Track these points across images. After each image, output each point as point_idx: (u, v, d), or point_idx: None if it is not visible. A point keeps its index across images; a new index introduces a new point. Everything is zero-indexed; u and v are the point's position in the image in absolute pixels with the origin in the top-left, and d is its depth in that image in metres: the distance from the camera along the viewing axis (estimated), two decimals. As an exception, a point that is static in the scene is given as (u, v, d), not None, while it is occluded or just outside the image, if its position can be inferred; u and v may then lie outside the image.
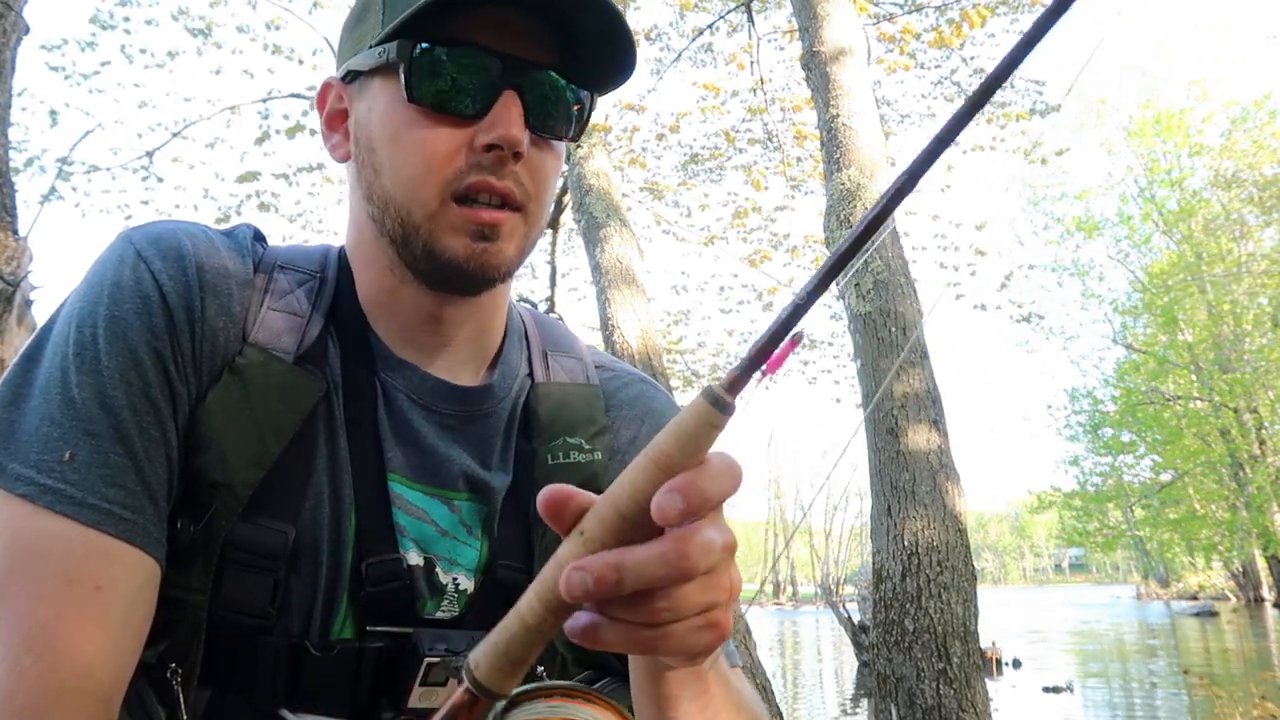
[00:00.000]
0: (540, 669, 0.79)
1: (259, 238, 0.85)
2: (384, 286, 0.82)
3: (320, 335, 0.80)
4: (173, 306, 0.73)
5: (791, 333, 0.48)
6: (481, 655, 0.50)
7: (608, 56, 0.78)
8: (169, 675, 0.70)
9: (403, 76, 0.75)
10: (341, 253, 0.87)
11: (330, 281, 0.84)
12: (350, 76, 0.81)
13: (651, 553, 0.47)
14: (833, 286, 0.49)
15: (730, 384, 0.48)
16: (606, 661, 0.85)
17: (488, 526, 0.83)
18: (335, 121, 0.84)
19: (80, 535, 0.65)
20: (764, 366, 0.48)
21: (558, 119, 0.78)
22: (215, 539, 0.71)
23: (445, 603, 0.80)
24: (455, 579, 0.81)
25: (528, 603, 0.50)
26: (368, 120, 0.79)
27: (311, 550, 0.74)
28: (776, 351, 0.48)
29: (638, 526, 0.47)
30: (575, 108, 0.79)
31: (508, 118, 0.73)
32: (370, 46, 0.77)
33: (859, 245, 0.49)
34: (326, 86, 0.85)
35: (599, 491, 0.91)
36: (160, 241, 0.75)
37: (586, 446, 0.87)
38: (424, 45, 0.74)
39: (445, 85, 0.74)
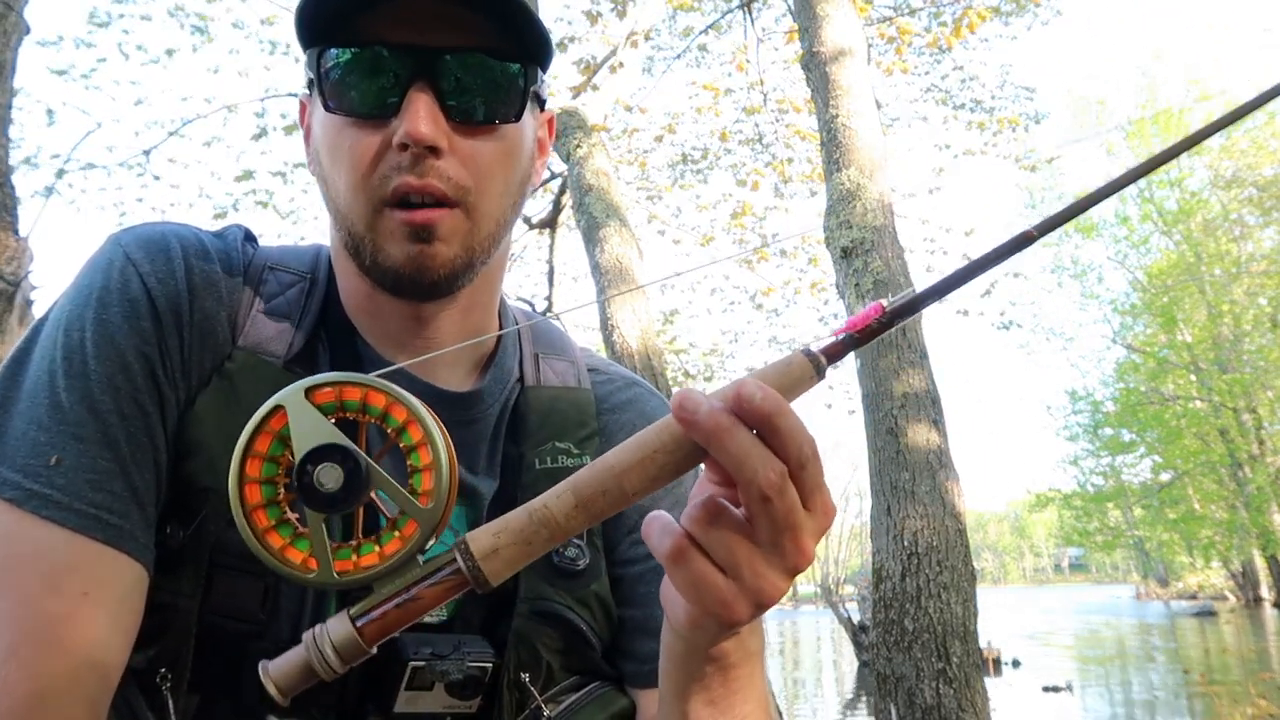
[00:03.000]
0: (524, 675, 0.77)
1: (249, 238, 0.84)
2: (361, 292, 0.81)
3: (310, 339, 0.79)
4: (161, 310, 0.72)
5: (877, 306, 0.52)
6: (487, 545, 0.51)
7: (523, 23, 0.73)
8: (158, 680, 0.69)
9: (317, 87, 0.74)
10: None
11: (320, 283, 0.83)
12: (307, 90, 0.81)
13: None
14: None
15: (830, 351, 0.52)
16: (595, 667, 0.84)
17: (474, 523, 0.82)
18: (307, 135, 0.83)
19: (66, 540, 0.65)
20: (857, 335, 0.52)
21: (488, 103, 0.74)
22: (205, 544, 0.70)
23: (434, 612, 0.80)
24: None
25: (562, 502, 0.51)
26: (315, 133, 0.79)
27: None
28: (860, 315, 0.52)
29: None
30: (511, 86, 0.74)
31: (413, 113, 0.70)
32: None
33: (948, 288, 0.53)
34: (301, 103, 0.84)
35: None
36: (149, 244, 0.74)
37: (575, 451, 0.86)
38: (332, 52, 0.73)
39: (355, 90, 0.72)
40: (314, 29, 0.74)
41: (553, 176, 7.73)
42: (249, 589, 0.71)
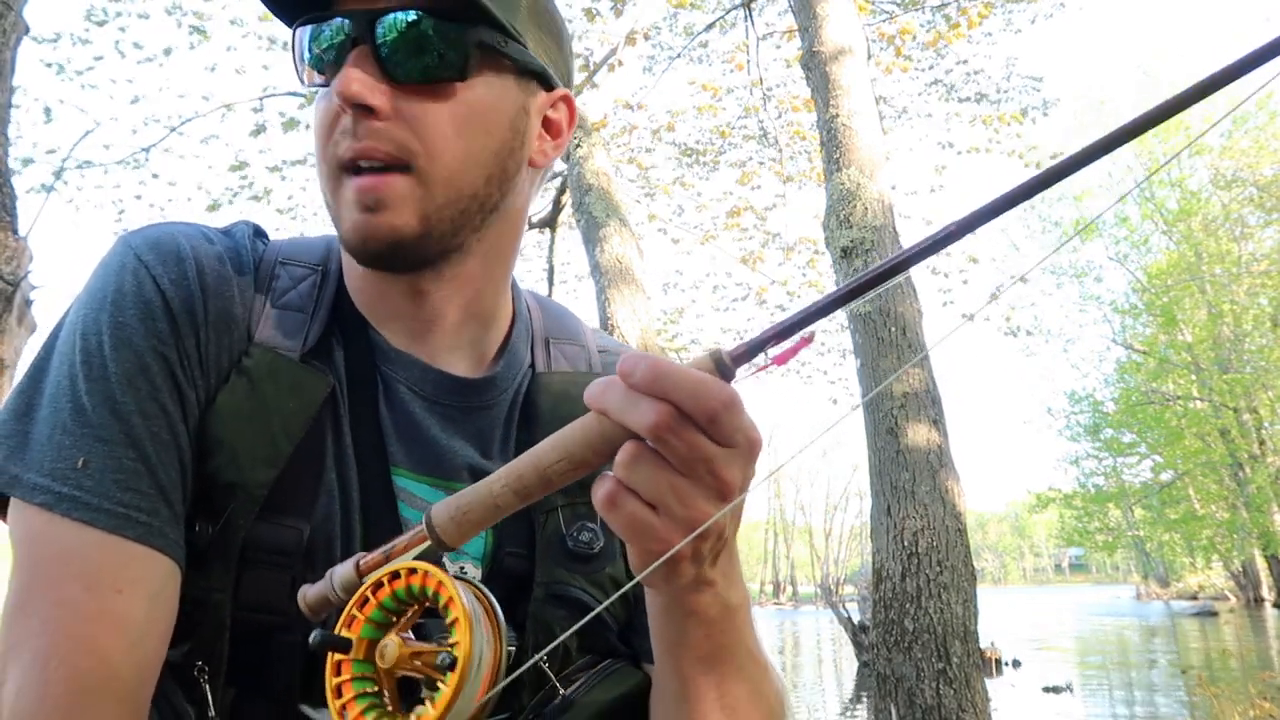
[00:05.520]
0: (544, 661, 0.79)
1: (259, 234, 0.85)
2: (361, 275, 0.82)
3: (324, 331, 0.80)
4: (176, 310, 0.73)
5: (803, 332, 0.54)
6: (443, 508, 0.59)
7: None
8: (196, 674, 0.70)
9: (294, 61, 0.77)
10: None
11: (332, 274, 0.83)
12: None
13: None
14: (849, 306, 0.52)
15: (737, 355, 0.54)
16: (611, 647, 0.85)
17: None
18: None
19: (98, 540, 0.66)
20: (770, 354, 0.54)
21: (426, 60, 0.72)
22: (234, 539, 0.71)
23: None
24: (462, 568, 0.81)
25: (500, 482, 0.58)
26: None
27: (326, 546, 0.74)
28: (787, 344, 0.54)
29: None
30: (452, 42, 0.73)
31: (343, 73, 0.70)
32: None
33: (892, 273, 0.54)
34: None
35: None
36: (159, 245, 0.75)
37: None
38: (298, 30, 0.75)
39: (313, 60, 0.74)
40: (286, 11, 0.75)
41: (553, 176, 7.73)
42: (276, 582, 0.72)
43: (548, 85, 0.82)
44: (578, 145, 6.15)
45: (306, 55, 0.75)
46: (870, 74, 5.42)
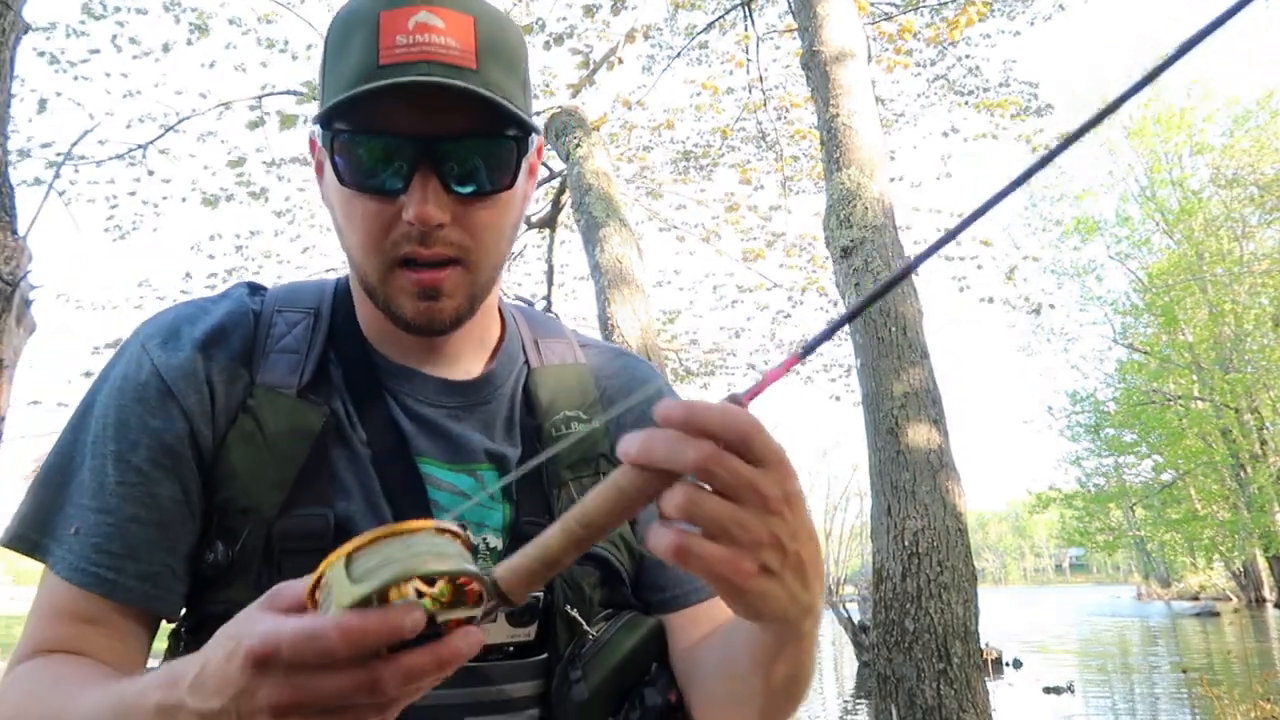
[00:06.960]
0: (574, 611, 0.90)
1: (254, 289, 0.98)
2: (379, 316, 0.92)
3: (320, 363, 0.91)
4: (171, 383, 0.86)
5: (793, 355, 0.59)
6: (507, 568, 0.61)
7: (510, 113, 0.83)
8: None
9: (329, 163, 0.85)
10: (339, 284, 0.99)
11: (325, 316, 0.95)
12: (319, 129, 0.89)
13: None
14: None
15: (750, 394, 0.60)
16: (625, 600, 0.96)
17: (508, 491, 0.94)
18: (319, 169, 0.91)
19: (80, 595, 0.82)
20: (765, 380, 0.60)
21: (489, 175, 0.84)
22: (253, 557, 0.83)
23: (480, 562, 0.88)
24: (485, 539, 0.91)
25: (558, 540, 0.60)
26: (328, 183, 0.88)
27: (351, 530, 0.83)
28: (779, 365, 0.60)
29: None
30: (506, 158, 0.85)
31: (420, 198, 0.81)
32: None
33: (878, 296, 0.60)
34: (312, 140, 0.92)
35: (600, 454, 1.06)
36: (163, 330, 0.90)
37: (584, 417, 1.00)
38: (344, 136, 0.82)
39: (366, 171, 0.83)
40: (323, 112, 0.83)
41: (552, 176, 7.72)
42: (310, 566, 0.80)
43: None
44: (578, 145, 6.14)
45: (354, 161, 0.83)
46: (871, 75, 5.41)
